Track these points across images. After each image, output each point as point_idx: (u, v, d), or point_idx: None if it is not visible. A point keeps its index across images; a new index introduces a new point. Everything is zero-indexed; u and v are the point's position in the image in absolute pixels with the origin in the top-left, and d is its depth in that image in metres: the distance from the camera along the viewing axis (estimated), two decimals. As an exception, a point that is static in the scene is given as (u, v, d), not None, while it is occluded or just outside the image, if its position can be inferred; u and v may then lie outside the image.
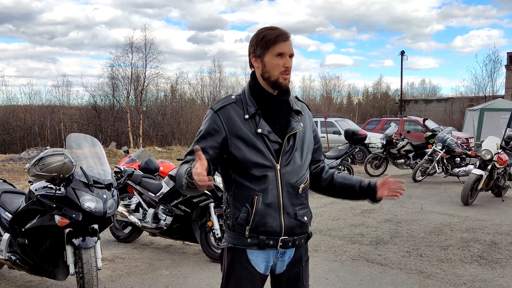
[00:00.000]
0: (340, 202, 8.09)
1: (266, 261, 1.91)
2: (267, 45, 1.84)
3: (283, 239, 1.87)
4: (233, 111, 1.85)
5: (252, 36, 1.91)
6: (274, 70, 1.84)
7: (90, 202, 3.55)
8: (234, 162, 1.84)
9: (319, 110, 30.57)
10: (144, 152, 8.37)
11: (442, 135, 10.47)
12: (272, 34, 1.84)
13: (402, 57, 33.39)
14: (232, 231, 1.88)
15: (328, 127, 15.76)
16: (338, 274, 4.38)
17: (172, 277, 4.34)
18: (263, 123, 1.85)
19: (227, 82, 36.84)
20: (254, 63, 1.90)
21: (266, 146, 1.83)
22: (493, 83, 32.07)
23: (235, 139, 1.83)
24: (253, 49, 1.89)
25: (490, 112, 17.19)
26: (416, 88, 47.10)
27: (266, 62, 1.85)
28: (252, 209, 1.82)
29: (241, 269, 1.88)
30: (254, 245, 1.85)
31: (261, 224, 1.84)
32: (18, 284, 4.16)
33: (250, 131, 1.83)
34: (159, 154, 18.81)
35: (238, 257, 1.88)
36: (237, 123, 1.83)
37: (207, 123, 1.87)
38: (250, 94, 1.90)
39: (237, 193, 1.86)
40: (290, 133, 1.88)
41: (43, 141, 28.04)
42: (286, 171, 1.86)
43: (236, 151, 1.82)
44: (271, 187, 1.84)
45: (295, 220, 1.89)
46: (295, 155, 1.89)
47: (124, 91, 30.51)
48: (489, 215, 7.05)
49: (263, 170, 1.83)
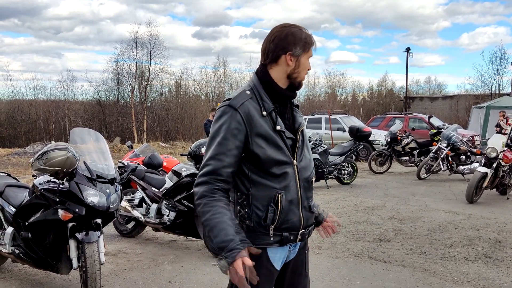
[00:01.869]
0: (343, 199, 8.07)
1: (284, 256, 1.93)
2: (307, 47, 1.87)
3: (302, 232, 1.90)
4: (252, 107, 1.81)
5: (286, 32, 1.85)
6: (303, 72, 1.89)
7: (94, 197, 3.55)
8: (255, 161, 1.80)
9: (323, 107, 30.49)
10: (148, 147, 8.37)
11: (447, 132, 10.42)
12: (312, 38, 1.90)
13: (408, 54, 33.22)
14: (252, 231, 1.82)
15: (332, 124, 15.72)
16: (341, 271, 4.37)
17: (175, 272, 4.34)
18: (279, 119, 1.85)
19: (231, 78, 36.82)
20: (287, 61, 1.85)
21: (284, 143, 1.83)
22: (499, 81, 31.83)
23: (256, 137, 1.78)
24: (292, 47, 1.84)
25: (496, 110, 17.10)
26: (421, 85, 46.84)
27: (301, 63, 1.87)
28: (277, 208, 1.81)
29: (261, 268, 1.82)
30: (277, 242, 1.85)
31: (285, 221, 1.84)
32: (22, 278, 4.17)
33: (269, 128, 1.81)
34: (163, 149, 18.84)
35: (258, 257, 1.80)
36: (256, 120, 1.79)
37: (228, 122, 1.77)
38: (263, 89, 1.86)
39: (255, 192, 1.81)
40: (300, 128, 1.91)
41: (48, 135, 28.17)
42: (301, 166, 1.89)
43: (258, 149, 1.78)
44: (292, 183, 1.84)
45: (309, 213, 1.93)
46: (304, 150, 1.93)
47: (129, 86, 30.64)
48: (494, 213, 7.00)
49: (283, 167, 1.82)
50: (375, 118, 19.09)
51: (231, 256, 1.64)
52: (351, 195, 8.56)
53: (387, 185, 9.82)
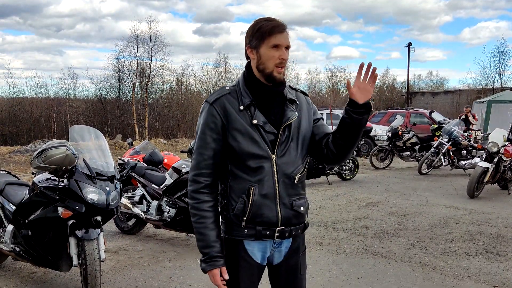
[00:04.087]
0: (345, 195, 8.06)
1: (263, 251, 1.92)
2: (263, 36, 1.81)
3: (279, 230, 1.88)
4: (228, 102, 1.84)
5: (249, 27, 1.89)
6: (269, 62, 1.82)
7: (93, 194, 3.55)
8: (231, 153, 1.85)
9: (325, 102, 30.47)
10: (148, 144, 8.37)
11: (449, 127, 10.39)
12: (268, 25, 1.81)
13: (409, 49, 33.12)
14: (229, 222, 1.89)
15: (334, 120, 15.68)
16: (341, 267, 4.37)
17: (176, 269, 4.35)
18: (258, 114, 1.84)
19: (232, 74, 36.72)
20: (250, 54, 1.87)
21: (262, 137, 1.83)
22: (501, 75, 31.74)
23: (232, 130, 1.83)
24: (249, 40, 1.86)
25: (497, 104, 17.03)
26: (423, 80, 46.75)
27: (262, 54, 1.82)
28: (248, 200, 1.83)
29: (239, 259, 1.89)
30: (251, 235, 1.87)
31: (258, 215, 1.84)
32: (23, 275, 4.18)
33: (246, 122, 1.82)
34: (165, 146, 18.85)
35: (235, 248, 1.89)
36: (232, 114, 1.83)
37: (205, 117, 1.85)
38: (244, 84, 1.88)
39: (233, 184, 1.86)
40: (285, 123, 1.87)
41: (50, 133, 28.20)
42: (282, 161, 1.86)
43: (233, 142, 1.83)
44: (267, 178, 1.84)
45: (291, 211, 1.89)
46: (290, 146, 1.89)
47: (130, 84, 30.61)
48: (495, 208, 6.99)
49: (259, 161, 1.83)
50: (377, 113, 19.06)
51: (209, 264, 1.84)
52: (352, 190, 8.56)
53: (388, 180, 9.81)
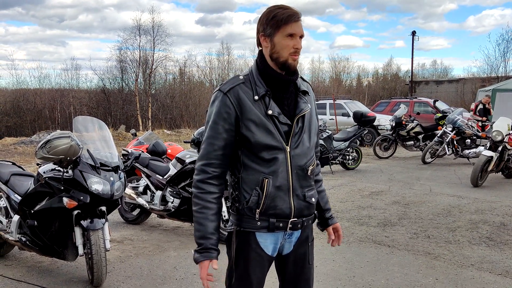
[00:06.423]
0: (348, 184, 8.08)
1: (275, 243, 1.90)
2: (278, 24, 1.78)
3: (292, 221, 1.87)
4: (242, 92, 1.80)
5: (262, 13, 1.85)
6: (284, 51, 1.79)
7: (98, 185, 3.58)
8: (245, 144, 1.81)
9: (328, 92, 30.36)
10: (152, 134, 8.39)
11: (453, 116, 10.36)
12: (284, 13, 1.78)
13: (413, 37, 32.90)
14: (241, 214, 1.86)
15: (337, 109, 15.66)
16: (345, 256, 4.39)
17: (180, 258, 4.39)
18: (273, 104, 1.81)
19: (235, 64, 36.67)
20: (263, 42, 1.84)
21: (276, 128, 1.80)
22: (506, 63, 31.56)
23: (246, 121, 1.79)
24: (262, 27, 1.82)
25: (502, 93, 16.91)
26: (427, 69, 46.53)
27: (276, 42, 1.79)
28: (262, 192, 1.80)
29: (250, 251, 1.87)
30: (264, 227, 1.84)
31: (271, 207, 1.82)
32: (29, 265, 4.23)
33: (261, 113, 1.79)
34: (168, 137, 18.89)
35: (247, 240, 1.87)
36: (247, 104, 1.79)
37: (218, 106, 1.81)
38: (258, 74, 1.85)
39: (245, 176, 1.83)
40: (299, 114, 1.85)
41: (54, 124, 28.27)
42: (296, 153, 1.84)
43: (248, 133, 1.79)
44: (281, 169, 1.81)
45: (304, 202, 1.88)
46: (303, 137, 1.87)
47: (133, 74, 30.56)
48: (498, 196, 6.99)
49: (273, 153, 1.80)
50: (380, 103, 18.99)
51: (203, 255, 1.81)
52: (356, 180, 8.57)
53: (392, 170, 9.81)
